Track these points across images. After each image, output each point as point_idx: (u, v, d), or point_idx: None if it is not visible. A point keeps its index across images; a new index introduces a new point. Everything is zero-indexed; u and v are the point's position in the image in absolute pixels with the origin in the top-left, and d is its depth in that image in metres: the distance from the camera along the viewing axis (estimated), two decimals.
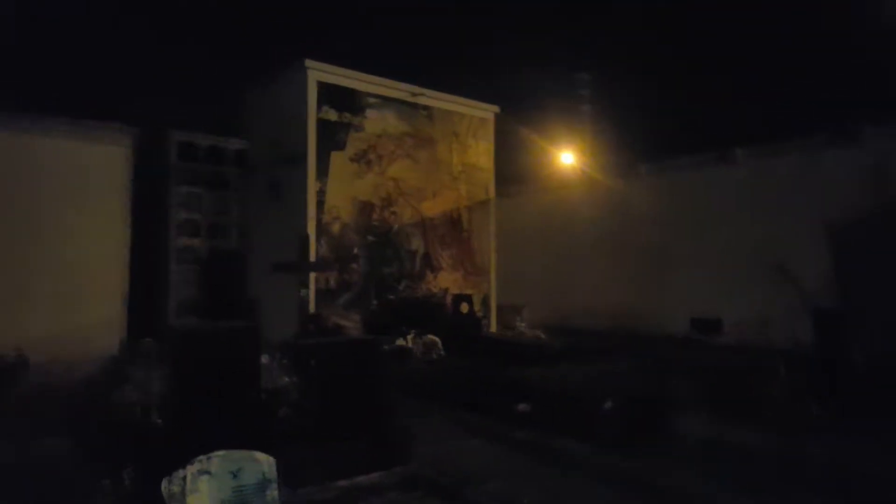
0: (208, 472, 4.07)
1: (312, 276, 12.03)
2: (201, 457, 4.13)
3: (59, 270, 11.59)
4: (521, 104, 19.14)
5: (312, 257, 11.62)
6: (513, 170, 19.02)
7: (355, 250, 13.88)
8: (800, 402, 7.40)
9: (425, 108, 15.18)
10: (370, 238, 14.14)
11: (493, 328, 15.79)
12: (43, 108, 12.09)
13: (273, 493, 4.22)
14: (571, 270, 17.38)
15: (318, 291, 12.90)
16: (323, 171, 13.39)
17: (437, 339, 11.81)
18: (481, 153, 16.37)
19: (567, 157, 18.93)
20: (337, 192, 13.58)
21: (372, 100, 14.20)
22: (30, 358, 9.63)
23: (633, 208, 16.13)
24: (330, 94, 13.49)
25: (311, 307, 12.06)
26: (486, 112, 16.51)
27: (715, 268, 14.21)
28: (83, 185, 12.10)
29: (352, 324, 13.17)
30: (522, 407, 7.53)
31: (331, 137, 13.51)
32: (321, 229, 13.21)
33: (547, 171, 19.39)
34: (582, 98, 21.97)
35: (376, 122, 14.27)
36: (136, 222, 12.98)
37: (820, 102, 15.32)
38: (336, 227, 13.59)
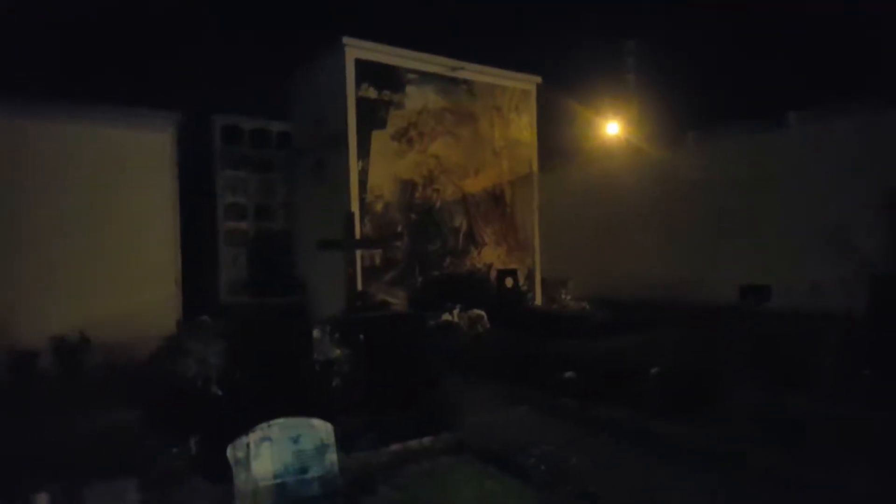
0: (269, 439, 4.26)
1: (358, 254, 12.21)
2: (262, 424, 4.32)
3: (114, 255, 11.99)
4: (564, 73, 18.77)
5: (357, 236, 11.79)
6: (556, 142, 18.78)
7: (399, 228, 14.00)
8: (853, 369, 7.20)
9: (466, 82, 15.05)
10: (413, 216, 14.23)
11: (539, 302, 15.78)
12: (85, 95, 12.37)
13: (331, 456, 4.38)
14: (617, 242, 17.17)
15: (363, 269, 13.09)
16: (364, 151, 13.48)
17: (482, 313, 11.88)
18: (524, 127, 16.19)
19: (612, 127, 18.59)
20: (379, 172, 13.68)
21: (411, 75, 14.16)
22: (91, 339, 10.10)
23: (681, 177, 15.75)
24: (369, 71, 13.51)
25: (358, 285, 12.27)
26: (528, 84, 16.24)
27: (766, 236, 13.83)
28: (130, 172, 12.36)
29: (398, 300, 13.34)
30: (568, 375, 7.55)
31: (371, 116, 13.56)
32: (364, 209, 13.34)
33: (591, 143, 19.10)
34: (627, 65, 21.39)
35: (416, 98, 14.24)
36: (185, 206, 13.33)
37: (880, 61, 14.59)
38: (379, 206, 13.72)
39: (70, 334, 9.96)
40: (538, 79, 16.37)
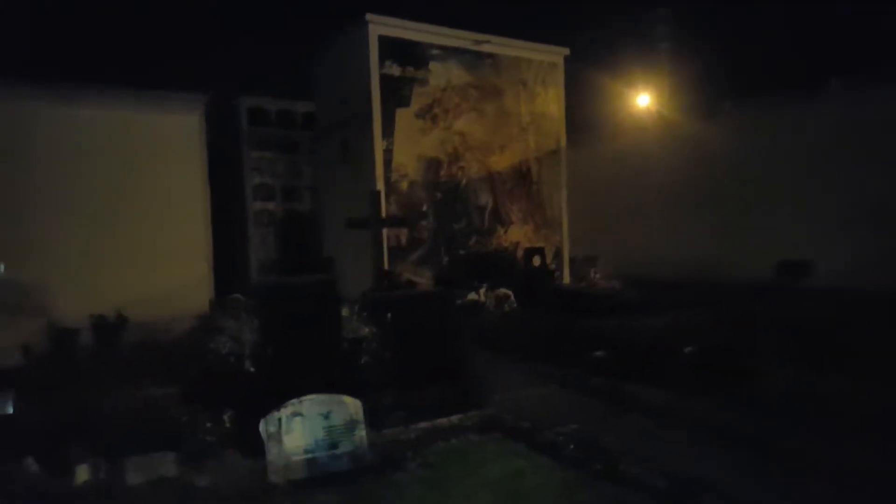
0: (301, 414, 4.33)
1: (384, 233, 12.24)
2: (294, 400, 4.39)
3: (148, 237, 12.24)
4: (592, 43, 18.23)
5: (383, 215, 11.80)
6: (585, 115, 18.38)
7: (424, 207, 13.97)
8: (889, 349, 6.98)
9: (490, 56, 14.81)
10: (438, 195, 14.17)
11: (566, 280, 15.67)
12: (114, 80, 12.53)
13: (361, 433, 4.44)
14: (649, 219, 16.83)
15: (389, 249, 13.14)
16: (389, 130, 13.42)
17: (509, 291, 11.84)
18: (550, 101, 15.91)
19: (643, 99, 18.14)
20: (404, 150, 13.62)
21: (435, 51, 13.99)
22: (128, 317, 10.36)
23: (717, 150, 15.30)
24: (392, 48, 13.38)
25: (384, 265, 12.33)
26: (554, 56, 15.89)
27: (806, 211, 13.42)
28: (161, 155, 12.56)
29: (424, 280, 13.39)
30: (599, 353, 7.50)
31: (395, 94, 13.47)
32: (390, 188, 13.33)
33: (621, 116, 18.67)
34: (658, 33, 20.63)
35: (440, 74, 14.08)
36: (215, 188, 13.47)
37: None
38: (404, 185, 13.69)
39: (108, 313, 10.25)
40: (565, 50, 16.00)
